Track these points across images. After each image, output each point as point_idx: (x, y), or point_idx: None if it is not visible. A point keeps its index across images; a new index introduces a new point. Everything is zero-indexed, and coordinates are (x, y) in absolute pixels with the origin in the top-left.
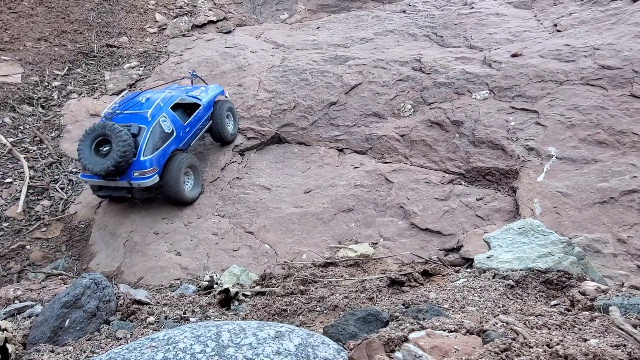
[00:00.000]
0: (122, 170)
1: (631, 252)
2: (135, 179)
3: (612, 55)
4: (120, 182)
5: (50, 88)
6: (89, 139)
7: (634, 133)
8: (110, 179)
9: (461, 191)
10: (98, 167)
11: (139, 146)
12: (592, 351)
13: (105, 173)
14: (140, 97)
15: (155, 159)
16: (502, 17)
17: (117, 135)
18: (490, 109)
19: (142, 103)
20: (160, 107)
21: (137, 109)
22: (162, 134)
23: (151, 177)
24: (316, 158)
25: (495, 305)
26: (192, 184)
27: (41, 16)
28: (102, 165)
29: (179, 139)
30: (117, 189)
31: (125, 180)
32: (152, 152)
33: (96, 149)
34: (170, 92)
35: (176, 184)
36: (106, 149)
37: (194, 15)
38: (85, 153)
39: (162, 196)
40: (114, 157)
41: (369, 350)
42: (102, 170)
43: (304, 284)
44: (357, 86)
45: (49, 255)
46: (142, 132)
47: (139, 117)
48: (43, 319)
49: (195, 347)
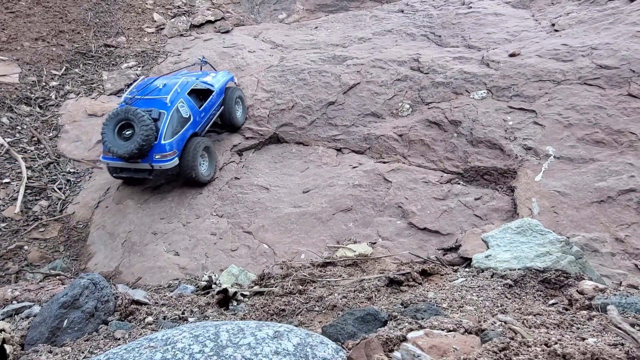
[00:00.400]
0: (144, 153)
1: (629, 251)
2: (156, 162)
3: (610, 55)
4: (142, 165)
5: (48, 88)
6: (112, 122)
7: (632, 132)
8: (132, 161)
9: (459, 191)
10: (122, 150)
11: (160, 130)
12: (590, 350)
13: (129, 156)
14: (158, 83)
15: (175, 143)
16: (500, 17)
17: (140, 120)
18: (488, 108)
19: (160, 88)
20: (178, 93)
21: (155, 94)
22: (180, 119)
23: (171, 159)
24: (314, 158)
25: (494, 305)
26: (207, 166)
27: (39, 16)
28: (127, 148)
29: (195, 124)
30: (138, 170)
31: (147, 162)
32: (172, 136)
33: (119, 133)
34: (186, 79)
35: (193, 166)
36: (129, 133)
37: (191, 15)
38: (109, 136)
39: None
40: (138, 140)
41: (368, 350)
42: (126, 153)
43: (302, 284)
44: (355, 86)
45: (47, 256)
46: (162, 117)
47: (159, 103)
48: (41, 320)
49: (193, 347)
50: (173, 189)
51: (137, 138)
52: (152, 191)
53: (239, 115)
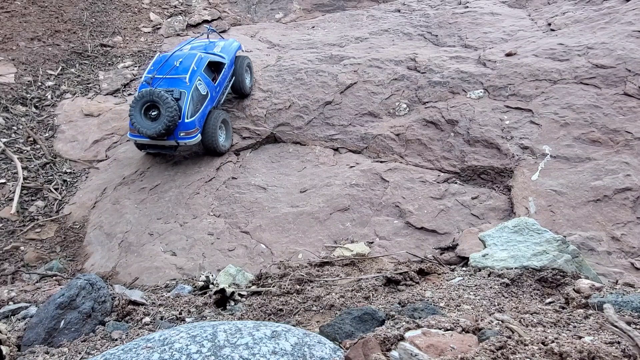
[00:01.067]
0: (170, 132)
1: (625, 250)
2: (181, 139)
3: (606, 54)
4: (168, 142)
5: (44, 88)
6: (138, 104)
7: (627, 132)
8: (159, 139)
9: (456, 190)
10: (151, 131)
11: (182, 109)
12: (587, 348)
13: (157, 135)
14: (174, 61)
15: (197, 120)
16: (496, 17)
17: (165, 102)
18: (485, 108)
19: (177, 67)
20: (195, 71)
21: (174, 73)
22: (199, 97)
23: (195, 136)
24: (312, 157)
25: (491, 304)
26: (225, 137)
27: (34, 16)
28: (155, 128)
29: (212, 99)
30: (164, 147)
31: (173, 139)
32: (194, 114)
33: (145, 113)
34: (200, 55)
35: (214, 138)
36: (154, 113)
37: (188, 14)
38: (137, 117)
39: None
40: (164, 121)
41: (365, 350)
42: (155, 133)
43: (300, 284)
44: (352, 85)
45: (43, 256)
46: (184, 97)
47: (179, 82)
48: (38, 320)
49: (191, 347)
50: (170, 189)
51: (163, 119)
52: (149, 191)
53: (247, 83)
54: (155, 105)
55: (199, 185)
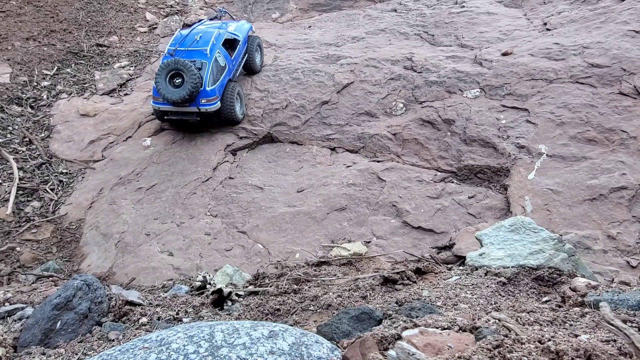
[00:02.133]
0: (193, 98)
1: (620, 248)
2: (202, 105)
3: (601, 54)
4: (190, 108)
5: (40, 88)
6: (163, 72)
7: (623, 130)
8: (180, 105)
9: (453, 189)
10: (175, 96)
11: (204, 78)
12: (583, 347)
13: (181, 101)
14: (194, 36)
15: (217, 89)
16: (492, 16)
17: (189, 70)
18: (481, 107)
19: (197, 41)
20: (214, 45)
21: (195, 46)
22: (219, 68)
23: (215, 103)
24: (309, 157)
25: (488, 303)
26: (239, 107)
27: (29, 15)
28: (179, 94)
29: (230, 71)
30: (186, 113)
31: (195, 106)
32: (214, 83)
33: (170, 81)
34: (218, 31)
35: (231, 108)
36: (178, 81)
37: (184, 14)
38: (162, 85)
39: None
40: (188, 87)
41: (363, 349)
42: (179, 99)
43: (297, 283)
44: (349, 85)
45: (39, 257)
46: (205, 67)
47: (200, 53)
48: (34, 322)
49: (188, 347)
50: (167, 189)
51: (187, 86)
52: (146, 191)
53: (258, 62)
54: (180, 74)
55: (196, 185)
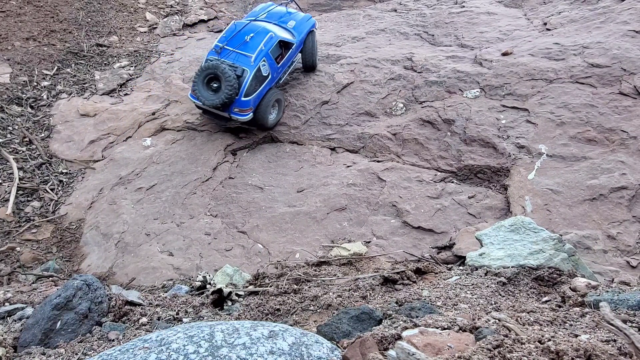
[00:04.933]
0: (226, 106)
1: (620, 248)
2: (234, 114)
3: (601, 54)
4: (223, 113)
5: (40, 88)
6: (202, 74)
7: (623, 130)
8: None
9: (453, 189)
10: (209, 102)
11: (242, 87)
12: (583, 347)
13: (214, 107)
14: (246, 35)
15: (253, 100)
16: (492, 16)
17: (227, 78)
18: (481, 107)
19: (247, 42)
20: (262, 51)
21: (242, 49)
22: (260, 77)
23: (247, 115)
24: (309, 157)
25: (488, 302)
26: (275, 115)
27: (29, 15)
28: (213, 100)
29: (272, 80)
30: (219, 116)
31: (227, 113)
32: (251, 94)
33: (207, 84)
34: (272, 33)
35: (264, 115)
36: (215, 85)
37: (184, 14)
38: (199, 87)
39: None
40: (222, 97)
41: (363, 349)
42: (212, 105)
43: (297, 283)
44: (349, 85)
45: (39, 257)
46: (245, 75)
47: (244, 59)
48: (34, 322)
49: (188, 347)
50: (167, 189)
51: (221, 94)
52: (146, 191)
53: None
54: (218, 78)
55: (196, 185)
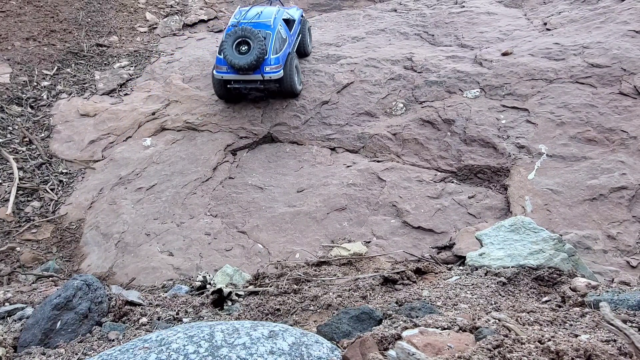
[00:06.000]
0: (258, 65)
1: (620, 248)
2: (267, 73)
3: (601, 54)
4: (254, 76)
5: (40, 88)
6: (230, 39)
7: (623, 130)
8: (244, 73)
9: (453, 189)
10: (242, 62)
11: (268, 47)
12: (583, 347)
13: (248, 67)
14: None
15: (280, 58)
16: (492, 16)
17: (256, 37)
18: (481, 107)
19: (259, 15)
20: (276, 18)
21: (257, 19)
22: (281, 40)
23: (278, 71)
24: (309, 157)
25: (488, 302)
26: (298, 78)
27: (29, 15)
28: (246, 60)
29: (290, 44)
30: (249, 82)
31: (259, 73)
32: (277, 53)
33: (236, 48)
34: (277, 8)
35: (291, 79)
36: (244, 49)
37: (184, 14)
38: (229, 51)
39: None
40: (255, 53)
41: (363, 349)
42: (246, 64)
43: (297, 283)
44: (349, 85)
45: (39, 257)
46: (269, 37)
47: (264, 25)
48: (34, 322)
49: (188, 347)
50: (167, 189)
51: (254, 52)
52: (146, 191)
53: (308, 44)
54: (246, 42)
55: (196, 185)
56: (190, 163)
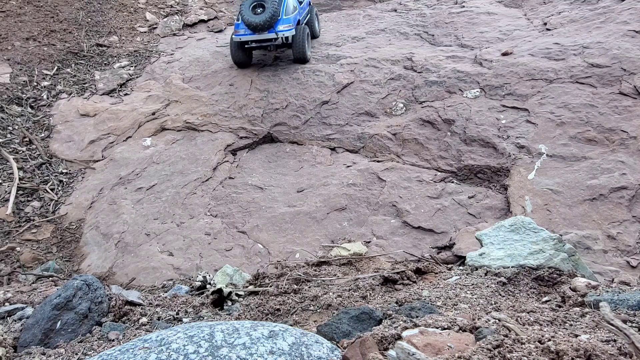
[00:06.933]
0: (272, 24)
1: (620, 248)
2: (280, 31)
3: (601, 54)
4: (268, 35)
5: (40, 88)
6: (247, 4)
7: (623, 130)
8: (260, 32)
9: (453, 189)
10: (258, 20)
11: (281, 10)
12: (583, 347)
13: (263, 24)
14: None
15: (292, 19)
16: (492, 16)
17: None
18: (481, 107)
19: None
20: None
21: None
22: (292, 6)
23: (290, 30)
24: (309, 157)
25: (488, 302)
26: (308, 46)
27: (29, 15)
28: (261, 18)
29: (300, 13)
30: (265, 40)
31: (273, 32)
32: (289, 15)
33: (252, 11)
34: None
35: (302, 45)
36: (260, 11)
37: (184, 14)
38: (246, 12)
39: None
40: (270, 12)
41: (363, 349)
42: (261, 21)
43: (297, 283)
44: (349, 85)
45: (39, 257)
46: (281, 1)
47: None
48: (34, 322)
49: (188, 347)
50: (167, 189)
51: (268, 11)
52: (146, 191)
53: (317, 27)
54: (261, 5)
55: (196, 185)
56: (190, 163)
